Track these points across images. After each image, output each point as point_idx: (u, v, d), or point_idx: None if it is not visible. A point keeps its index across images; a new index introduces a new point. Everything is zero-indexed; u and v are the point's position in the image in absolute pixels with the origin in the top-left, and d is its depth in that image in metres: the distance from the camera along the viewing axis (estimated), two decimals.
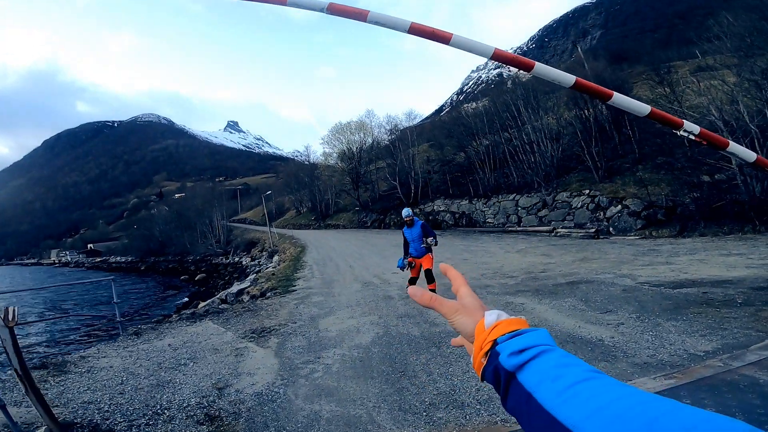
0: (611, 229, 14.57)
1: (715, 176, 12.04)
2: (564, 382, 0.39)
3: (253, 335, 5.84)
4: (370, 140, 39.11)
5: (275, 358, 4.80)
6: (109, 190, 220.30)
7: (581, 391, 0.38)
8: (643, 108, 2.94)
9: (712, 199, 11.76)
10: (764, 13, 14.06)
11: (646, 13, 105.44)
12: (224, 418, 3.42)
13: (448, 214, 25.98)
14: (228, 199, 62.37)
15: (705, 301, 4.86)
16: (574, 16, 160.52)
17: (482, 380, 0.51)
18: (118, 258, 63.09)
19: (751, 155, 3.11)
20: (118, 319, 6.37)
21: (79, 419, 3.49)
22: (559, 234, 16.25)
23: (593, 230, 14.86)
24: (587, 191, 16.69)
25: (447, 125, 31.47)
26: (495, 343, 0.49)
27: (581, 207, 16.51)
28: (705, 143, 3.16)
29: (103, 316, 9.02)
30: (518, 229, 19.60)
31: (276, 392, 3.83)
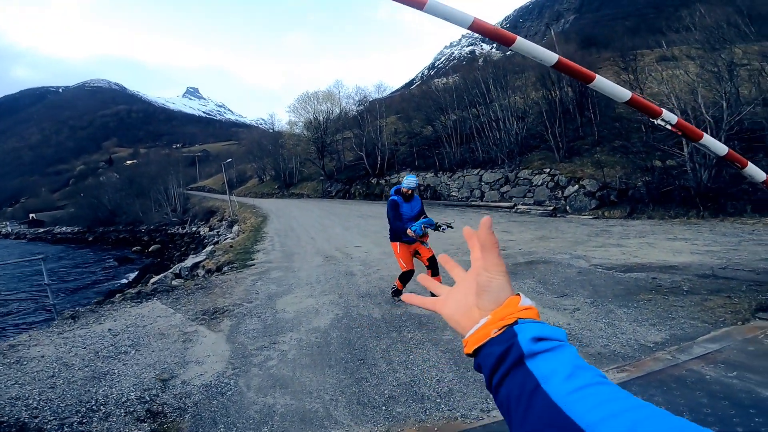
0: (568, 207, 15.07)
1: (667, 162, 12.58)
2: (578, 382, 0.39)
3: (205, 317, 5.52)
4: (337, 110, 38.17)
5: (227, 343, 4.55)
6: (53, 156, 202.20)
7: (596, 393, 0.37)
8: (624, 94, 2.79)
9: (662, 184, 12.33)
10: (738, 7, 14.50)
11: (619, 0, 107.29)
12: (168, 414, 3.17)
13: None
14: (186, 167, 59.17)
15: (654, 287, 5.05)
16: None
17: (473, 354, 0.49)
18: (64, 228, 58.75)
19: (722, 149, 3.08)
20: (50, 302, 5.82)
21: (5, 417, 3.14)
22: (519, 210, 16.65)
23: (551, 208, 15.33)
24: (548, 170, 17.10)
25: (417, 99, 31.04)
26: (515, 322, 0.47)
27: (541, 185, 16.93)
28: (680, 133, 3.04)
29: (34, 299, 8.31)
30: (481, 203, 19.94)
31: (226, 384, 3.61)
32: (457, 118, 25.11)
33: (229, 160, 39.50)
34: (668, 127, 2.53)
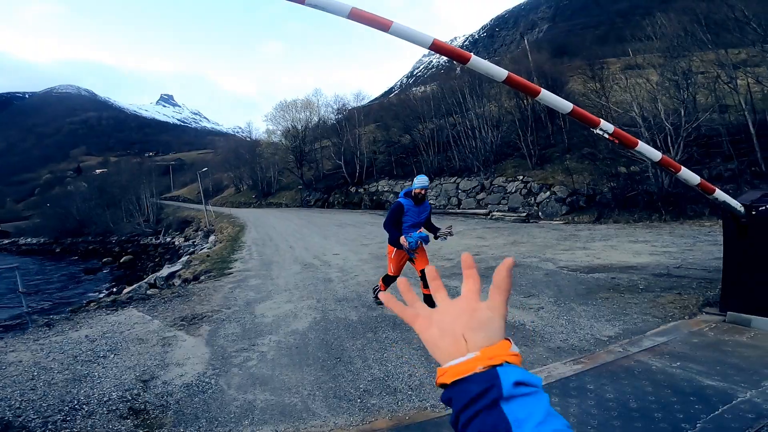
0: (540, 213, 15.63)
1: (631, 168, 13.29)
2: (548, 428, 0.40)
3: (183, 323, 5.55)
4: (316, 119, 38.30)
5: (207, 346, 4.62)
6: (18, 164, 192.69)
7: None
8: (566, 106, 3.11)
9: (626, 189, 13.02)
10: (696, 16, 15.39)
11: (591, 9, 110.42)
12: (150, 411, 3.26)
13: (392, 195, 26.29)
14: (159, 175, 57.97)
15: (613, 286, 5.40)
16: (526, 8, 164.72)
17: (443, 386, 0.49)
18: (29, 239, 56.21)
19: (656, 155, 3.43)
20: (24, 310, 5.72)
21: None
22: (494, 217, 17.14)
23: (524, 214, 15.86)
24: (521, 177, 17.70)
25: (395, 107, 31.51)
26: (501, 364, 0.47)
27: (515, 192, 17.50)
28: (617, 142, 3.41)
29: (7, 307, 8.08)
30: (458, 211, 20.37)
31: (207, 383, 3.70)
32: (434, 127, 25.64)
33: (204, 169, 39.02)
34: (606, 136, 2.81)
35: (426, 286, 4.52)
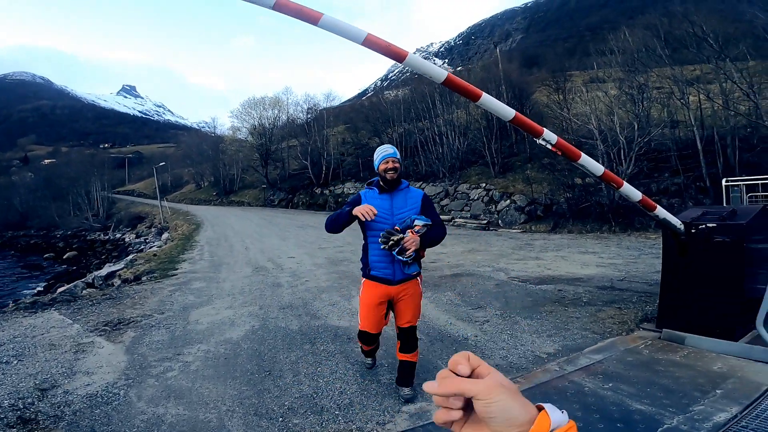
0: (500, 221, 15.88)
1: (586, 179, 13.72)
2: None
3: (106, 328, 5.09)
4: (284, 117, 37.56)
5: (125, 354, 4.23)
6: None
7: None
8: (508, 112, 2.98)
9: (580, 200, 13.42)
10: (658, 32, 16.10)
11: (563, 22, 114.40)
12: (41, 422, 2.95)
13: None
14: (113, 168, 55.01)
15: (558, 299, 5.41)
16: (502, 18, 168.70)
17: None
18: None
19: (598, 169, 3.37)
20: None
21: None
22: (456, 224, 17.25)
23: (485, 222, 16.06)
24: (484, 184, 17.95)
25: (366, 110, 31.36)
26: None
27: (477, 199, 17.72)
28: (560, 153, 3.28)
29: None
30: None
31: (115, 393, 3.37)
32: (403, 131, 25.70)
33: (162, 164, 37.23)
34: (548, 146, 2.71)
35: (406, 348, 3.01)
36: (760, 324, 2.68)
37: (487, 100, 2.74)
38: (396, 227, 2.69)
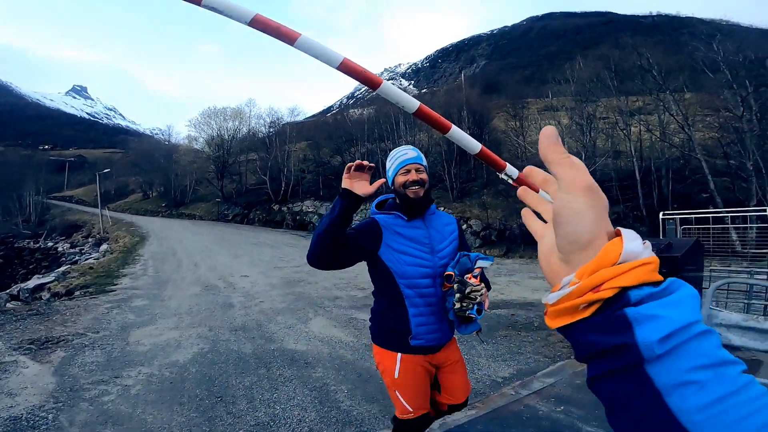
0: None
1: None
2: (718, 391, 0.27)
3: (32, 347, 4.58)
4: (245, 130, 36.66)
5: (53, 376, 3.83)
6: None
7: (737, 405, 0.27)
8: (475, 146, 3.10)
9: None
10: (609, 63, 17.45)
11: (523, 50, 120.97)
12: None
13: (316, 216, 25.73)
14: (51, 172, 50.87)
15: (512, 323, 5.56)
16: (469, 43, 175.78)
17: (561, 332, 0.34)
18: None
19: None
20: None
21: None
22: None
23: None
24: (442, 208, 18.33)
25: (330, 127, 31.34)
26: (623, 298, 0.30)
27: None
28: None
29: None
30: None
31: (42, 417, 3.06)
32: (365, 151, 25.89)
33: (107, 170, 34.84)
34: (510, 181, 2.79)
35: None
36: None
37: (456, 132, 2.75)
38: (449, 272, 1.66)
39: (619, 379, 0.30)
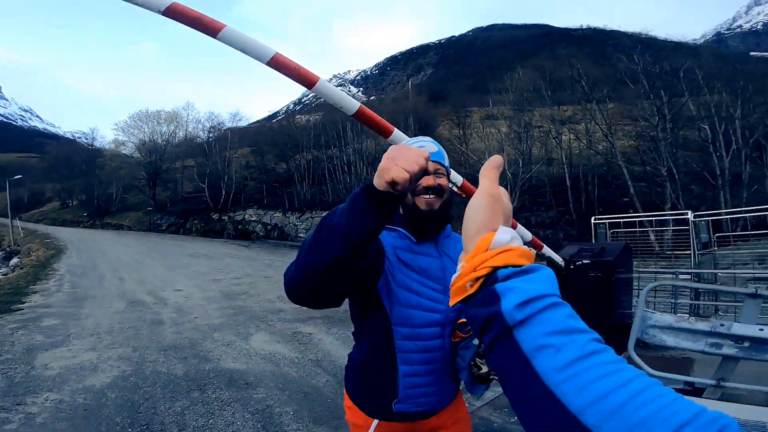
0: None
1: None
2: (571, 353, 0.32)
3: None
4: (182, 134, 34.50)
5: None
6: None
7: (589, 368, 0.32)
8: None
9: None
10: (544, 73, 18.54)
11: (468, 60, 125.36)
12: None
13: (260, 225, 24.73)
14: None
15: None
16: (417, 51, 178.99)
17: (460, 303, 0.41)
18: None
19: None
20: None
21: None
22: None
23: None
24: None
25: (275, 133, 30.38)
26: (494, 276, 0.38)
27: None
28: (464, 195, 3.34)
29: None
30: None
31: None
32: (312, 158, 25.41)
33: (19, 176, 30.94)
34: (455, 188, 2.70)
35: None
36: (631, 349, 3.05)
37: (399, 136, 2.49)
38: (464, 319, 1.19)
39: (499, 348, 0.36)
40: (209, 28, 1.99)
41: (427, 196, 1.17)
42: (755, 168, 15.62)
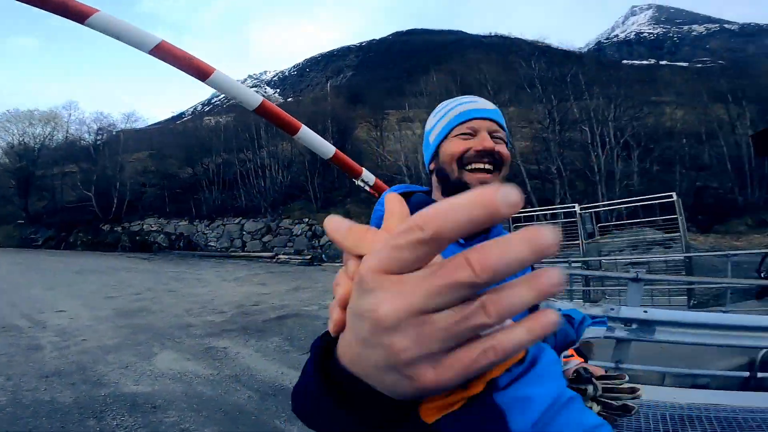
0: (324, 256, 16.16)
1: None
2: (538, 406, 0.29)
3: None
4: (60, 137, 29.99)
5: None
6: None
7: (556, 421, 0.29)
8: (329, 150, 2.81)
9: None
10: (455, 77, 19.57)
11: (388, 63, 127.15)
12: None
13: (162, 235, 22.54)
14: None
15: None
16: (338, 53, 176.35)
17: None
18: None
19: None
20: None
21: None
22: (280, 260, 16.69)
23: (309, 257, 16.07)
24: (307, 219, 18.10)
25: (179, 136, 27.84)
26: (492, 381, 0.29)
27: (301, 234, 17.68)
28: (377, 195, 3.38)
29: None
30: (242, 254, 19.01)
31: None
32: (221, 162, 23.89)
33: None
34: (367, 188, 2.69)
35: None
36: None
37: (307, 134, 2.23)
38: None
39: (471, 413, 0.27)
40: (76, 14, 1.70)
41: (481, 167, 0.78)
42: (625, 165, 18.45)
